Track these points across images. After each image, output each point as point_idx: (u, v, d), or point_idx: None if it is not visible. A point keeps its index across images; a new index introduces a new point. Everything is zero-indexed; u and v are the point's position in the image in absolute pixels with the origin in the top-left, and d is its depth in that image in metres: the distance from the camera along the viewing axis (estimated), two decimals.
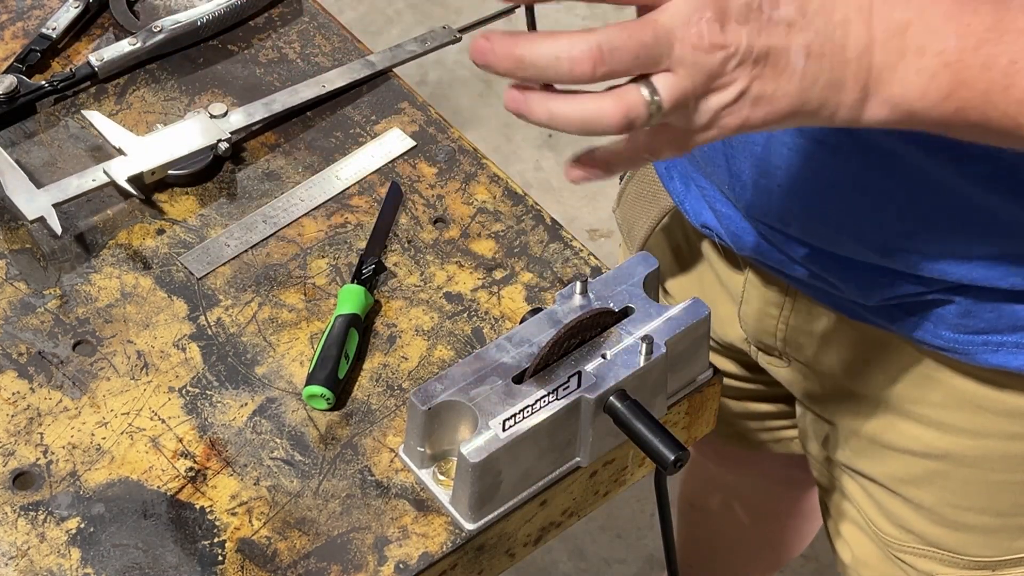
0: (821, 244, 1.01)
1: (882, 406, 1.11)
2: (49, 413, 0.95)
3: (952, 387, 1.06)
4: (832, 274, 1.03)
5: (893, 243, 0.98)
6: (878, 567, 1.23)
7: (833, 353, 1.12)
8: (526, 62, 0.71)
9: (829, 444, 1.20)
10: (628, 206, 1.22)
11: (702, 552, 1.74)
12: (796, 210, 0.99)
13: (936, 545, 1.16)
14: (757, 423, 1.35)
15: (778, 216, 1.01)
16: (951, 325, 1.02)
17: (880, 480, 1.16)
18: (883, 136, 0.92)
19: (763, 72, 0.74)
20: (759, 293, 1.13)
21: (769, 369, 1.19)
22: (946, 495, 1.12)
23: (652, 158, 0.78)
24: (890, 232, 0.97)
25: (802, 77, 0.74)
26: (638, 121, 0.73)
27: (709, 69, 0.73)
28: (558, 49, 0.70)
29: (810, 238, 1.01)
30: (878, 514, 1.18)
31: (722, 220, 1.08)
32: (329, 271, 1.04)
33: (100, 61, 1.13)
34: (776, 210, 1.00)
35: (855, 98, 0.76)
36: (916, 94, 0.76)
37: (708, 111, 0.74)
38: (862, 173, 0.95)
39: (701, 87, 0.73)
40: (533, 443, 0.88)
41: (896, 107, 0.77)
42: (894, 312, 1.04)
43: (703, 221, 1.10)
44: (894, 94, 0.76)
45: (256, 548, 0.90)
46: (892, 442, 1.12)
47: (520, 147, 2.58)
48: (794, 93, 0.75)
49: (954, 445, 1.09)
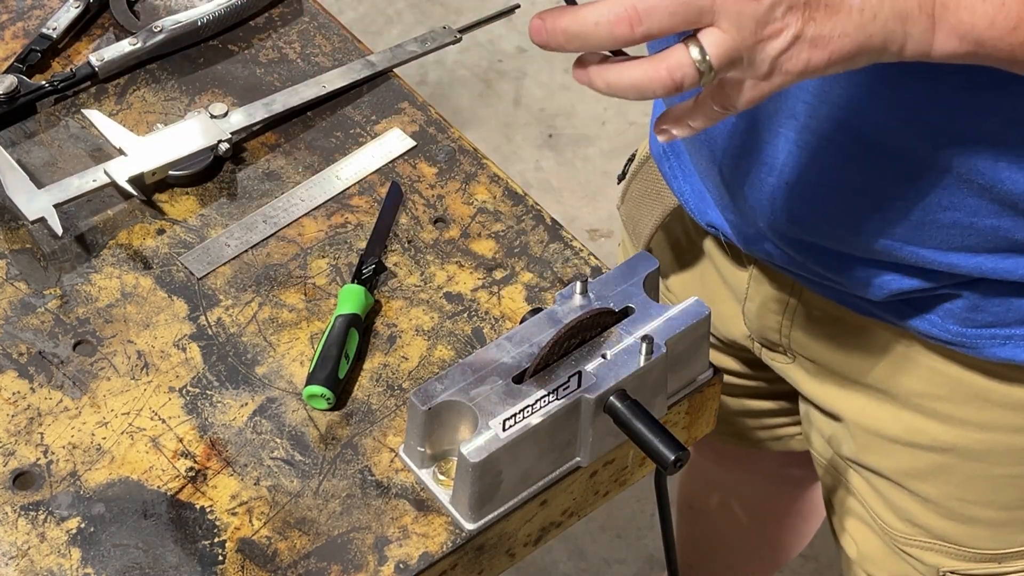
0: (826, 243, 1.01)
1: (888, 400, 1.11)
2: (49, 413, 0.95)
3: (959, 380, 1.06)
4: (838, 272, 1.03)
5: (902, 238, 0.97)
6: (883, 562, 1.23)
7: (838, 348, 1.11)
8: (571, 33, 0.73)
9: (834, 439, 1.20)
10: (632, 204, 1.22)
11: (701, 552, 1.74)
12: (802, 208, 0.99)
13: (942, 538, 1.16)
14: (757, 421, 1.35)
15: (784, 215, 1.01)
16: (959, 319, 1.02)
17: (886, 474, 1.16)
18: (890, 132, 0.92)
19: (816, 13, 0.73)
20: (763, 290, 1.13)
21: (773, 365, 1.19)
22: (952, 488, 1.12)
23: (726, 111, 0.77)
24: (898, 227, 0.97)
25: (861, 11, 0.73)
26: (687, 81, 0.73)
27: (756, 17, 0.72)
28: (597, 15, 0.72)
29: (815, 237, 1.01)
30: (884, 508, 1.18)
31: (727, 218, 1.08)
32: (329, 271, 1.04)
33: (100, 61, 1.13)
34: (781, 208, 1.00)
35: (923, 28, 0.75)
36: (985, 22, 0.76)
37: (765, 60, 0.74)
38: (869, 171, 0.95)
39: (751, 37, 0.73)
40: (533, 443, 0.88)
41: (965, 36, 0.76)
42: (901, 307, 1.03)
43: (708, 220, 1.10)
44: (963, 21, 0.76)
45: (256, 548, 0.90)
46: (898, 436, 1.12)
47: (520, 147, 2.59)
48: (854, 30, 0.74)
49: (960, 438, 1.09)
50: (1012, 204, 0.93)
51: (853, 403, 1.14)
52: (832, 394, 1.16)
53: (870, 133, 0.92)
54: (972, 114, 0.88)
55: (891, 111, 0.90)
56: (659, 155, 1.15)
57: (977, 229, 0.95)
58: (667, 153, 1.13)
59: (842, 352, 1.12)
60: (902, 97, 0.89)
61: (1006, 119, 0.88)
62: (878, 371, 1.10)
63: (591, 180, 2.53)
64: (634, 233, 1.23)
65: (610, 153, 2.56)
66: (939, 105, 0.88)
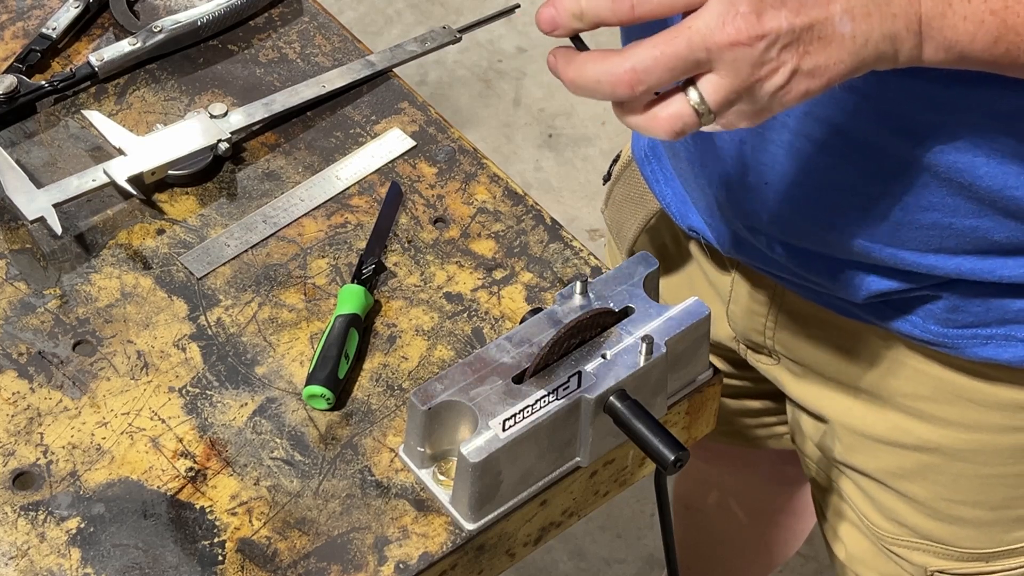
0: (807, 244, 1.02)
1: (872, 400, 1.11)
2: (49, 413, 0.95)
3: (942, 380, 1.06)
4: (818, 274, 1.03)
5: (882, 239, 0.98)
6: (872, 563, 1.23)
7: (822, 349, 1.12)
8: (576, 84, 0.76)
9: (821, 440, 1.20)
10: (616, 207, 1.22)
11: (698, 553, 1.74)
12: (784, 209, 1.00)
13: (929, 538, 1.16)
14: (747, 419, 1.36)
15: (765, 216, 1.01)
16: (939, 319, 1.02)
17: (872, 474, 1.16)
18: (873, 132, 0.92)
19: (810, 47, 0.75)
20: (746, 292, 1.13)
21: (758, 367, 1.20)
22: (939, 488, 1.12)
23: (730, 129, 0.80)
24: (879, 228, 0.97)
25: (852, 40, 0.76)
26: (688, 128, 0.76)
27: (752, 60, 0.74)
28: (599, 73, 0.75)
29: (796, 239, 1.02)
30: (871, 508, 1.19)
31: (708, 222, 1.08)
32: (329, 271, 1.04)
33: (100, 61, 1.13)
34: (763, 210, 1.01)
35: (912, 44, 0.78)
36: (966, 39, 0.79)
37: (764, 96, 0.76)
38: (848, 169, 0.95)
39: (748, 79, 0.74)
40: (533, 443, 0.88)
41: (950, 50, 0.79)
42: (882, 308, 1.04)
43: (689, 223, 1.11)
44: (947, 38, 0.78)
45: (256, 548, 0.90)
46: (883, 436, 1.12)
47: (520, 147, 2.59)
48: (848, 57, 0.76)
49: (945, 438, 1.09)
50: (991, 202, 0.93)
51: (838, 404, 1.14)
52: (817, 395, 1.16)
53: (849, 130, 0.92)
54: (951, 108, 0.89)
55: (869, 106, 0.91)
56: (641, 158, 1.15)
57: (956, 230, 0.95)
58: (648, 156, 1.14)
59: (826, 353, 1.12)
60: (880, 91, 0.89)
61: (985, 113, 0.89)
62: (862, 372, 1.10)
63: (591, 180, 2.53)
64: (618, 236, 1.23)
65: (610, 153, 2.56)
66: (918, 100, 0.89)
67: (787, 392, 1.20)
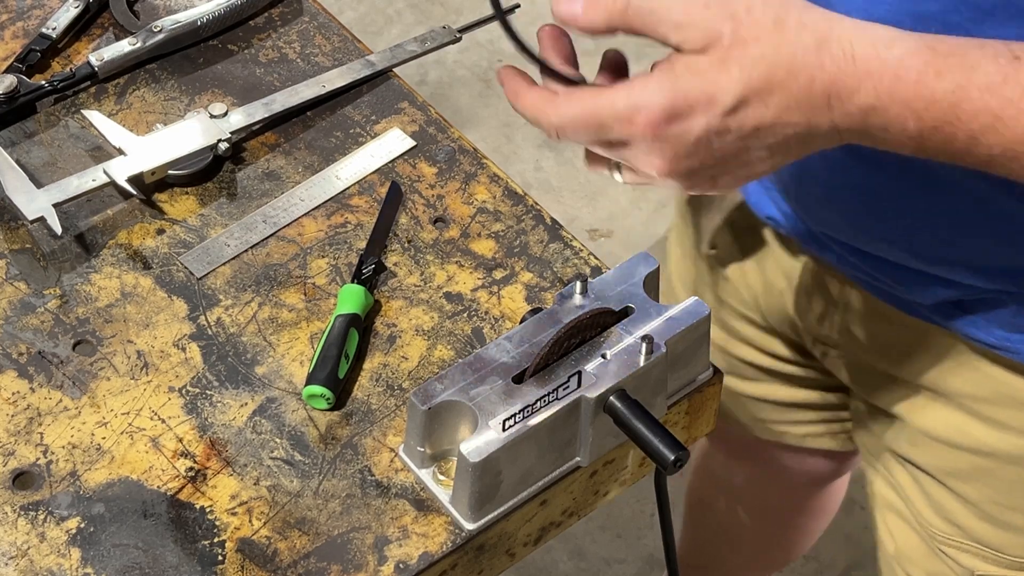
0: (870, 250, 1.03)
1: (934, 398, 1.12)
2: (49, 413, 0.95)
3: (1003, 384, 1.07)
4: (885, 275, 1.05)
5: (938, 252, 0.99)
6: (920, 561, 1.23)
7: (888, 346, 1.13)
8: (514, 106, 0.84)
9: (882, 432, 1.21)
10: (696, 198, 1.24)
11: (708, 549, 1.74)
12: (838, 220, 1.01)
13: (979, 541, 1.17)
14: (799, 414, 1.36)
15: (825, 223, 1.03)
16: (1004, 324, 1.03)
17: (930, 471, 1.17)
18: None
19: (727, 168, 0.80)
20: (816, 284, 1.15)
21: (822, 358, 1.21)
22: (992, 492, 1.13)
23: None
24: (934, 242, 0.99)
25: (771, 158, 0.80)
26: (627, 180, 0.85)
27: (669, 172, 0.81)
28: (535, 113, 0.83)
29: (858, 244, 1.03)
30: (926, 505, 1.19)
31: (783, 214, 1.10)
32: (329, 271, 1.04)
33: (100, 61, 1.13)
34: (820, 218, 1.02)
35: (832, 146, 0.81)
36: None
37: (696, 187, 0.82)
38: (902, 188, 0.97)
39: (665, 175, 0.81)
40: (533, 443, 0.88)
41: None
42: (949, 310, 1.05)
43: (767, 213, 1.14)
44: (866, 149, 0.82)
45: (256, 548, 0.90)
46: (941, 434, 1.13)
47: (520, 147, 2.59)
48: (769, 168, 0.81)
49: (1002, 442, 1.10)
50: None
51: (900, 398, 1.16)
52: (879, 389, 1.17)
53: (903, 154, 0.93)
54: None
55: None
56: None
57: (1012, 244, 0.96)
58: None
59: (891, 350, 1.13)
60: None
61: None
62: (924, 369, 1.11)
63: (591, 180, 2.53)
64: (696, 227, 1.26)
65: None
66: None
67: (849, 384, 1.21)
